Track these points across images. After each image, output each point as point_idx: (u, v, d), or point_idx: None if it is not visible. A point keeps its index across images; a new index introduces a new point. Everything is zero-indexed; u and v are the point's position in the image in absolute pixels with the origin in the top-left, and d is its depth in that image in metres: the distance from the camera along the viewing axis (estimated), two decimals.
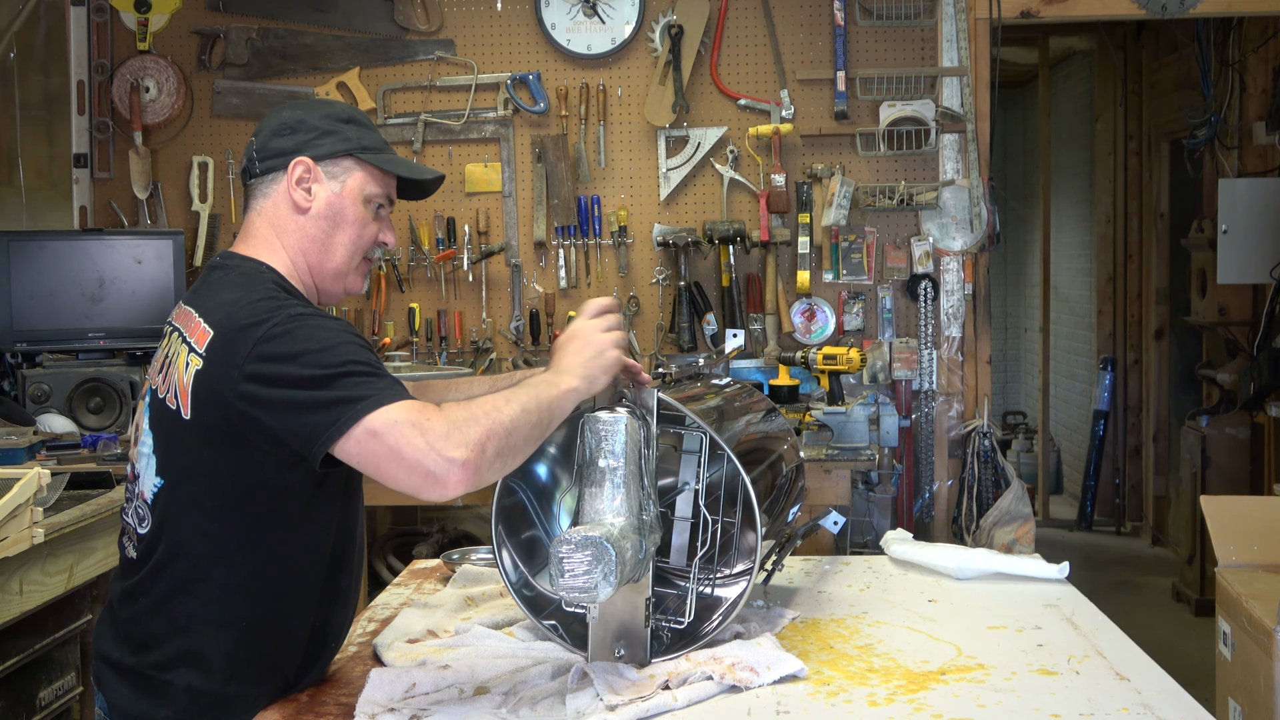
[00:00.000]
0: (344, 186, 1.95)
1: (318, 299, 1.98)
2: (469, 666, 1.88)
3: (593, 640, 1.92)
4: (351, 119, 1.98)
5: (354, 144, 1.95)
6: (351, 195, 1.95)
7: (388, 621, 2.19)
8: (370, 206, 1.97)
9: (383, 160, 1.98)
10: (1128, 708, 1.73)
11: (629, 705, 1.72)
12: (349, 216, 1.95)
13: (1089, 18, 4.76)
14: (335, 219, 1.95)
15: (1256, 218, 5.34)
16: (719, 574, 2.08)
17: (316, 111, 1.97)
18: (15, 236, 4.27)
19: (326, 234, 1.95)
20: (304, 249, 1.95)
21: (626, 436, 1.84)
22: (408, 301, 4.71)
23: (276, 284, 1.89)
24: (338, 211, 1.95)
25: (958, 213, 4.58)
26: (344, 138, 1.95)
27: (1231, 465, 5.69)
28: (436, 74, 4.72)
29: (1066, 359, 8.65)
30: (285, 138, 1.94)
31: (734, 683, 1.81)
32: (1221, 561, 3.23)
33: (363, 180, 1.96)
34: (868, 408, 4.07)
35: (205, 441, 1.78)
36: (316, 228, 1.94)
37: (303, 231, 1.94)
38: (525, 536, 2.06)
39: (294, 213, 1.94)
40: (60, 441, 3.90)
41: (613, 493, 1.83)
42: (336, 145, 1.94)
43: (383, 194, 1.99)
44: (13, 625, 2.95)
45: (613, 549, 1.74)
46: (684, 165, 4.64)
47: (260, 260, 1.94)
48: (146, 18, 4.68)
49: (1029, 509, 4.25)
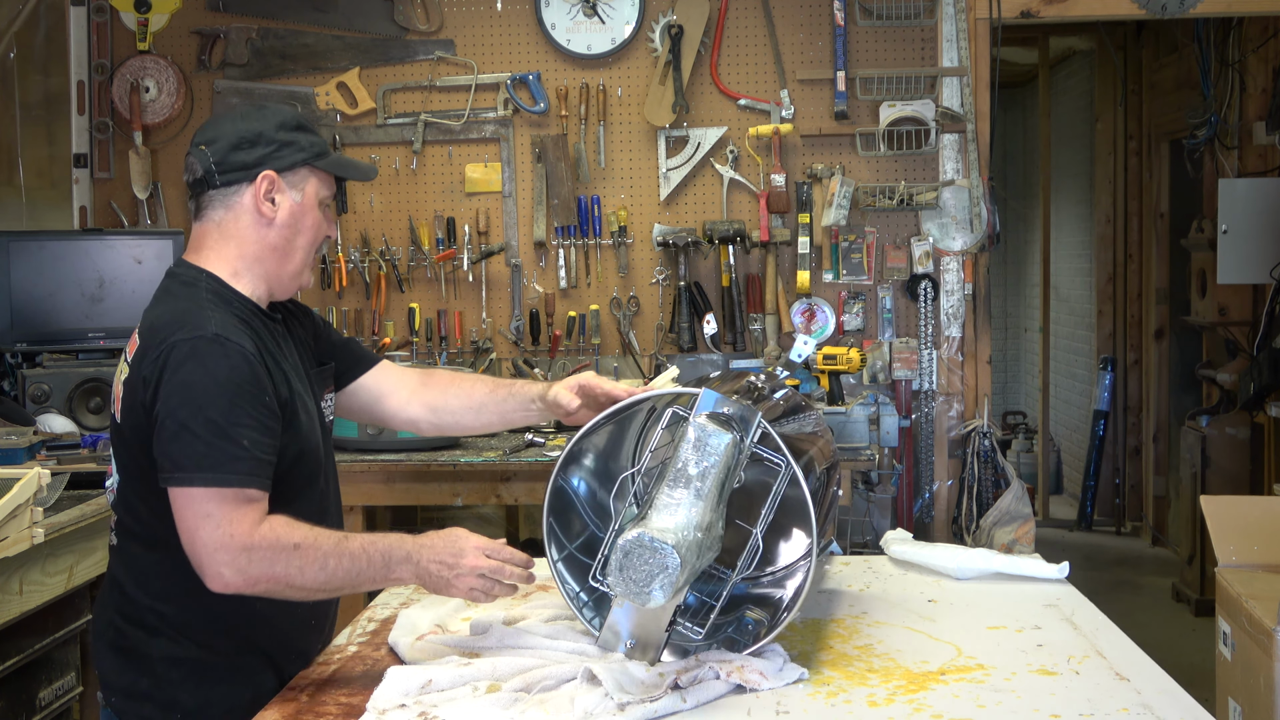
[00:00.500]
0: (303, 195, 2.05)
1: (268, 298, 2.08)
2: (490, 664, 1.88)
3: (607, 629, 1.91)
4: (300, 125, 2.07)
5: (309, 153, 2.05)
6: (310, 202, 2.06)
7: (388, 622, 2.19)
8: (323, 208, 2.09)
9: (333, 165, 2.10)
10: (1128, 708, 1.73)
11: (639, 705, 1.72)
12: (308, 222, 2.06)
13: (1089, 18, 4.76)
14: (296, 226, 2.05)
15: (1256, 218, 5.34)
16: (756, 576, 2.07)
17: (269, 121, 2.05)
18: (15, 236, 4.27)
19: (288, 240, 2.05)
20: (262, 256, 2.04)
21: (724, 453, 1.84)
22: (408, 301, 4.71)
23: (214, 294, 2.00)
24: (299, 219, 2.05)
25: (958, 213, 4.58)
26: (299, 147, 2.04)
27: (1231, 465, 5.69)
28: (436, 74, 4.72)
29: (1066, 359, 8.65)
30: (246, 151, 2.01)
31: (741, 682, 1.81)
32: (1221, 561, 3.22)
33: (317, 186, 2.07)
34: (868, 408, 4.07)
35: (132, 442, 1.95)
36: (279, 236, 2.04)
37: (264, 241, 2.03)
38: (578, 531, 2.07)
39: (257, 223, 2.03)
40: (60, 441, 3.89)
41: (693, 502, 1.82)
42: (295, 156, 2.04)
43: (330, 195, 2.10)
44: (13, 625, 2.95)
45: (679, 562, 1.74)
46: (684, 165, 4.64)
47: (206, 269, 2.04)
48: (146, 18, 4.68)
49: (1029, 509, 4.25)
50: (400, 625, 2.12)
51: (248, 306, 2.03)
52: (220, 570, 1.84)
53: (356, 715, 1.76)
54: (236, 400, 1.88)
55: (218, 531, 1.84)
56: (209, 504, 1.84)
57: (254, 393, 1.90)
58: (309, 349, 2.19)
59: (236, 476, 1.85)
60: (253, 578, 1.85)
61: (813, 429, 2.26)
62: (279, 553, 1.84)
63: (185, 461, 1.85)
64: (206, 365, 1.88)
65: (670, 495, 1.81)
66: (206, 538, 1.84)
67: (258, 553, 1.84)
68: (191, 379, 1.87)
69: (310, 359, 2.17)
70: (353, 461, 3.84)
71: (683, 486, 1.82)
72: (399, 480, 3.87)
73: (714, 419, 1.86)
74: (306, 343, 2.19)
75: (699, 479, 1.81)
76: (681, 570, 1.75)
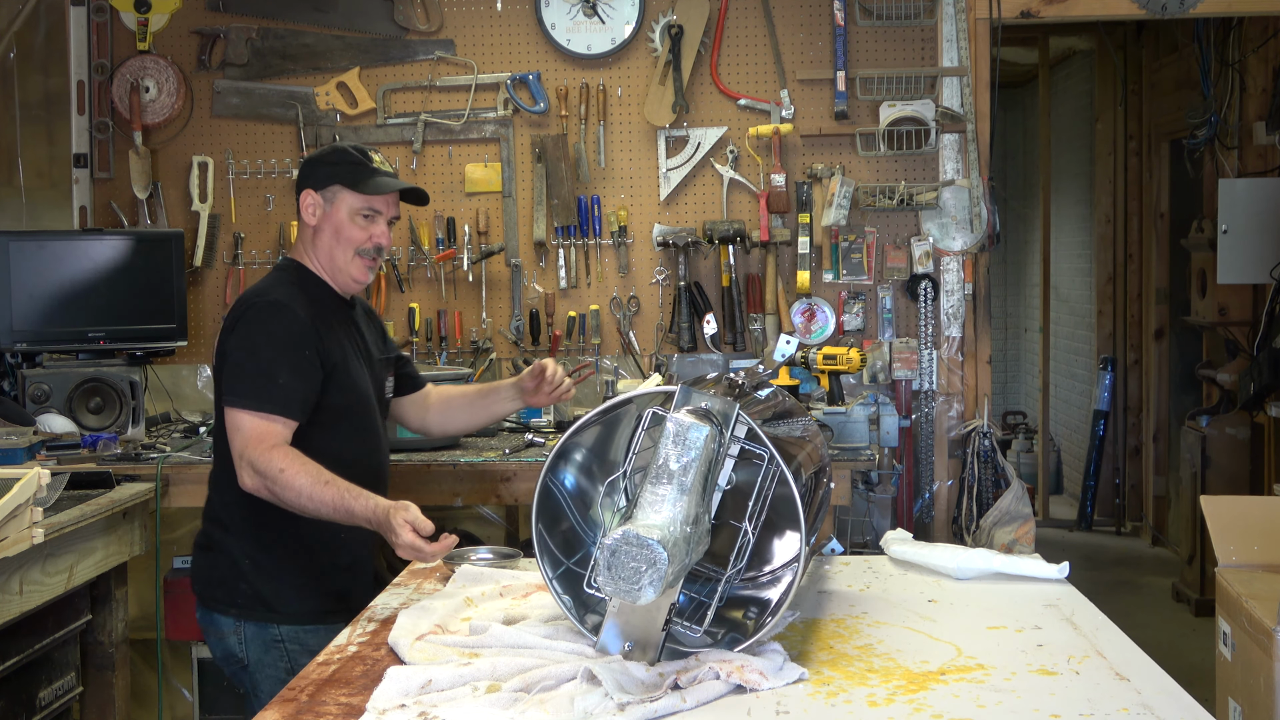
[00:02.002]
0: (333, 206, 2.72)
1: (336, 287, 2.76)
2: (490, 664, 1.88)
3: (606, 630, 1.92)
4: (343, 158, 2.73)
5: (342, 175, 2.70)
6: (340, 212, 2.72)
7: (388, 622, 2.19)
8: (358, 218, 2.71)
9: (359, 185, 2.71)
10: (1128, 708, 1.73)
11: (639, 705, 1.72)
12: (340, 227, 2.72)
13: (1089, 18, 4.76)
14: (329, 230, 2.73)
15: (1256, 218, 5.34)
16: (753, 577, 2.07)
17: (322, 155, 2.78)
18: (15, 236, 4.27)
19: (327, 241, 2.73)
20: (314, 252, 2.76)
21: (703, 446, 1.85)
22: (408, 301, 4.71)
23: (291, 274, 2.74)
24: (332, 224, 2.72)
25: (958, 213, 4.58)
26: (334, 172, 2.71)
27: (1231, 465, 5.69)
28: (436, 74, 4.72)
29: (1066, 359, 8.65)
30: (303, 176, 2.76)
31: (740, 682, 1.81)
32: (1221, 561, 3.22)
33: (349, 200, 2.71)
34: (868, 408, 4.07)
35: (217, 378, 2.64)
36: (320, 237, 2.74)
37: (314, 240, 2.75)
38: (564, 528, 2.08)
39: (308, 227, 2.76)
40: (60, 441, 3.89)
41: (677, 497, 1.83)
42: (328, 177, 2.72)
43: (367, 207, 2.72)
44: (13, 625, 2.95)
45: (666, 556, 1.75)
46: (684, 165, 4.64)
47: (293, 259, 2.79)
48: (146, 18, 4.68)
49: (1029, 509, 4.25)
50: (400, 625, 2.12)
51: (322, 289, 2.74)
52: (240, 472, 2.51)
53: (356, 715, 1.76)
54: (282, 350, 2.55)
55: (242, 444, 2.50)
56: (243, 421, 2.52)
57: (297, 346, 2.57)
58: (379, 345, 2.89)
59: (268, 405, 2.52)
60: (255, 485, 2.49)
61: (801, 433, 2.26)
62: (270, 473, 2.46)
63: (234, 388, 2.54)
64: (264, 321, 2.58)
65: (654, 492, 1.83)
66: (236, 446, 2.52)
67: (259, 467, 2.47)
68: (251, 329, 2.58)
69: (381, 348, 2.88)
70: None
71: (665, 482, 1.83)
72: (399, 480, 3.87)
73: (693, 413, 1.88)
74: (376, 340, 2.87)
75: (681, 473, 1.83)
76: (670, 564, 1.75)
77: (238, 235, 4.74)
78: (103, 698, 3.57)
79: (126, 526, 3.56)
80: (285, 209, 4.74)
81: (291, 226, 4.70)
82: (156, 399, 4.58)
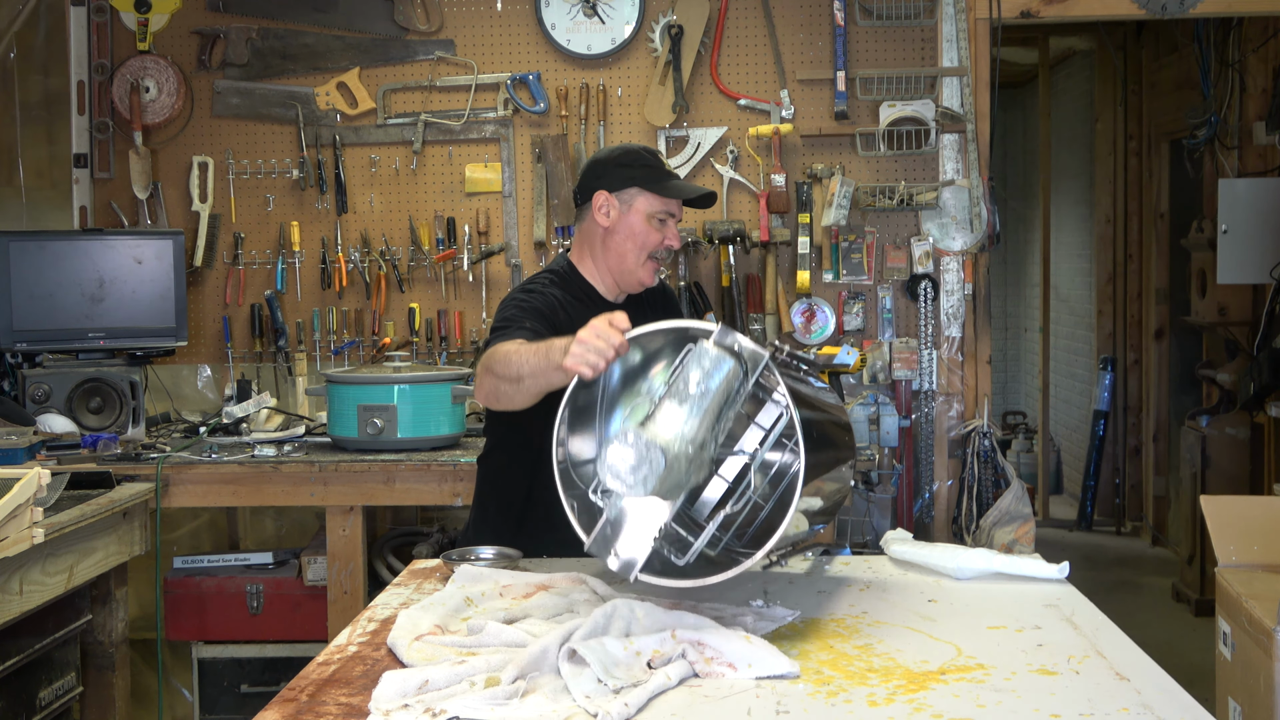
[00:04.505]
0: (630, 208, 2.76)
1: (617, 288, 2.84)
2: (485, 661, 1.89)
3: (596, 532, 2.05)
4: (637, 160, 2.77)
5: (640, 178, 2.74)
6: (637, 214, 2.76)
7: (388, 622, 2.19)
8: (654, 220, 2.76)
9: (658, 188, 2.75)
10: (1128, 708, 1.73)
11: (634, 689, 1.77)
12: (634, 230, 2.76)
13: (1089, 18, 4.76)
14: (624, 232, 2.77)
15: (1256, 218, 5.35)
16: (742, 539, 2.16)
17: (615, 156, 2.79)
18: (15, 236, 4.27)
19: (619, 243, 2.78)
20: (603, 254, 2.80)
21: (726, 376, 2.00)
22: (408, 301, 4.71)
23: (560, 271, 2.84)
24: (626, 227, 2.76)
25: (958, 213, 4.58)
26: (630, 175, 2.75)
27: (1231, 465, 5.69)
28: (436, 74, 4.72)
29: (1066, 359, 8.65)
30: (591, 178, 2.80)
31: (708, 673, 1.85)
32: (1221, 561, 3.23)
33: (645, 202, 2.75)
34: (868, 408, 4.08)
35: None
36: (612, 239, 2.78)
37: (604, 242, 2.79)
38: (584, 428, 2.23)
39: (598, 229, 2.79)
40: (60, 441, 3.90)
41: (690, 416, 1.97)
42: (625, 179, 2.75)
43: (663, 210, 2.76)
44: (13, 625, 2.95)
45: (664, 460, 1.90)
46: (684, 165, 4.64)
47: (569, 260, 2.87)
48: (146, 18, 4.68)
49: (1029, 509, 4.25)
50: (400, 625, 2.12)
51: (583, 288, 2.81)
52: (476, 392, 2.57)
53: (356, 715, 1.76)
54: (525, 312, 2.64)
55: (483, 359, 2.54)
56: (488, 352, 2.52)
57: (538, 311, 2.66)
58: None
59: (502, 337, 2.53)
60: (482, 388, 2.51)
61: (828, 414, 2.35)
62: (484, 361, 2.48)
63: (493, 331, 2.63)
64: (519, 295, 2.74)
65: (668, 406, 1.98)
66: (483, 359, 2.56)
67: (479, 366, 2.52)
68: (509, 300, 2.74)
69: None
70: (353, 461, 3.84)
71: (680, 401, 1.97)
72: (399, 480, 3.87)
73: (723, 348, 2.02)
74: None
75: (699, 397, 1.97)
76: (667, 471, 1.90)
77: (238, 235, 4.74)
78: (103, 698, 3.58)
79: (126, 526, 3.56)
80: (285, 209, 4.74)
81: (292, 226, 4.70)
82: (156, 399, 4.59)
